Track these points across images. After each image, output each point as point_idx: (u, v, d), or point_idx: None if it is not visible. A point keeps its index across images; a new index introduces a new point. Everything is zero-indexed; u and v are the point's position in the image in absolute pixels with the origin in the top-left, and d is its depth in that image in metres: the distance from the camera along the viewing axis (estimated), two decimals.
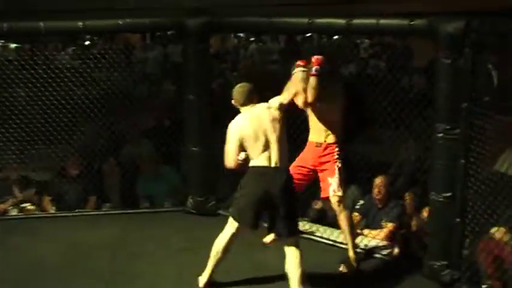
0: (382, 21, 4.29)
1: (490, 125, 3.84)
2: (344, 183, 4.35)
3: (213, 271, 3.99)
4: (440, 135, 4.01)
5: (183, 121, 5.32)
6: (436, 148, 4.07)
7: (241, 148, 3.80)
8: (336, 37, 6.24)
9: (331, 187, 4.30)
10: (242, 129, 3.80)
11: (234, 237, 3.89)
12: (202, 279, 4.01)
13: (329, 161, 4.32)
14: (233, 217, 3.88)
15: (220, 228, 4.00)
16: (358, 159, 5.21)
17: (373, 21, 4.33)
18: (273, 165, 3.77)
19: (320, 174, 4.38)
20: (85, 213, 5.61)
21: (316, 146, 4.36)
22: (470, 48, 3.78)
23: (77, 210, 5.64)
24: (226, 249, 3.92)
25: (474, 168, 3.94)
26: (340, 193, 4.31)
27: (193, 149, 5.24)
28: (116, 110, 5.74)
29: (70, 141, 5.74)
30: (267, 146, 3.78)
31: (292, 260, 3.80)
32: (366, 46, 9.99)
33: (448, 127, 3.97)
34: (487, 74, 3.86)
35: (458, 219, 4.03)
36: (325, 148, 4.33)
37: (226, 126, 3.95)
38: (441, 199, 4.08)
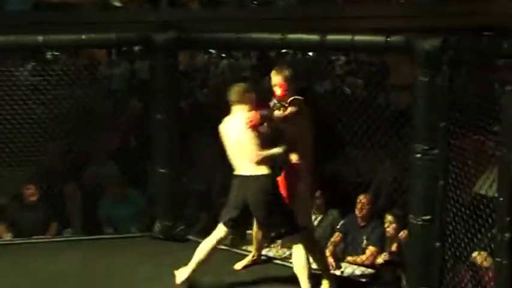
0: (358, 37, 4.32)
1: (469, 145, 3.87)
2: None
3: (193, 271, 4.12)
4: (418, 155, 4.01)
5: (149, 141, 5.27)
6: (414, 169, 4.08)
7: None
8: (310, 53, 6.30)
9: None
10: (225, 135, 4.12)
11: (219, 240, 4.15)
12: (181, 275, 4.12)
13: (293, 183, 4.20)
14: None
15: (190, 254, 3.97)
16: (335, 180, 5.24)
17: (348, 37, 4.35)
18: (248, 173, 4.00)
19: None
20: (44, 240, 5.50)
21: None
22: (448, 66, 3.82)
23: (34, 237, 5.53)
24: (211, 251, 4.12)
25: (453, 190, 3.96)
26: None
27: (161, 170, 5.18)
28: (78, 129, 5.66)
29: (28, 163, 5.64)
30: (244, 154, 4.01)
31: (295, 260, 4.04)
32: (342, 63, 10.10)
33: (426, 147, 3.98)
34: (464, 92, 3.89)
35: (438, 244, 4.03)
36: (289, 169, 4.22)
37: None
38: (420, 222, 4.07)
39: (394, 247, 4.97)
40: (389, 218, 5.08)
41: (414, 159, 4.03)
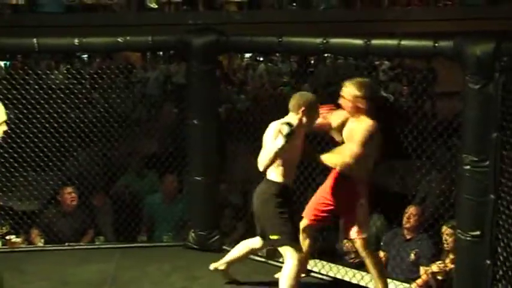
0: (404, 42, 4.29)
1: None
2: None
3: (227, 263, 4.44)
4: (468, 167, 3.95)
5: (185, 148, 5.31)
6: (462, 181, 4.02)
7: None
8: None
9: (354, 228, 4.23)
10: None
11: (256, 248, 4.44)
12: (215, 264, 4.45)
13: (351, 198, 4.23)
14: None
15: None
16: (378, 190, 5.18)
17: (394, 42, 4.32)
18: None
19: (342, 212, 4.36)
20: (76, 247, 5.58)
21: (340, 179, 4.28)
22: (501, 73, 3.76)
23: (67, 244, 5.61)
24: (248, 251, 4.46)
25: (505, 205, 3.89)
26: (364, 235, 4.24)
27: (197, 178, 5.21)
28: (113, 135, 5.73)
29: (62, 168, 5.73)
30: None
31: (284, 270, 4.06)
32: (386, 68, 10.01)
33: (475, 159, 3.92)
34: None
35: (488, 261, 3.96)
36: (348, 182, 4.23)
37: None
38: (469, 238, 4.01)
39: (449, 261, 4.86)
40: (447, 231, 4.94)
41: (463, 170, 3.97)
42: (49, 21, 10.89)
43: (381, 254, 5.16)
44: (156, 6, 13.27)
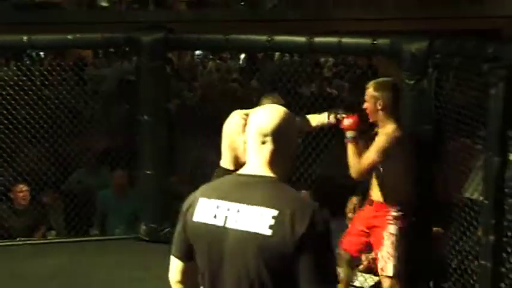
0: (345, 39, 4.35)
1: (453, 149, 3.91)
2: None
3: None
4: None
5: (137, 143, 5.26)
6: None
7: None
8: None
9: (379, 263, 3.74)
10: None
11: None
12: None
13: (379, 227, 3.71)
14: None
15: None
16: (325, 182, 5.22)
17: (335, 39, 4.39)
18: None
19: (372, 241, 3.82)
20: (28, 242, 5.47)
21: (369, 204, 3.84)
22: (434, 69, 3.85)
23: (18, 239, 5.50)
24: None
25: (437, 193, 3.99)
26: (390, 273, 3.66)
27: (147, 172, 5.17)
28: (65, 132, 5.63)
29: (14, 165, 5.60)
30: None
31: None
32: (330, 65, 10.12)
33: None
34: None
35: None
36: (377, 209, 3.74)
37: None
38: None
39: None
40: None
41: None
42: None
43: None
44: (107, 5, 13.09)
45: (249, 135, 2.01)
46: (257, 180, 1.97)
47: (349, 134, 3.60)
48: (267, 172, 1.97)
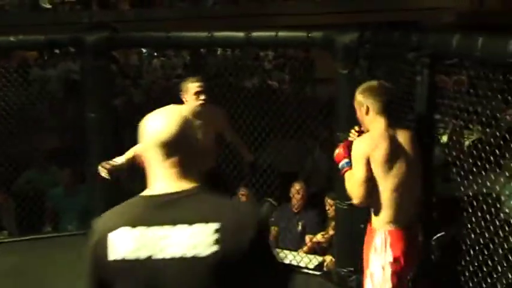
0: (281, 33, 4.38)
1: None
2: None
3: None
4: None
5: (85, 140, 5.17)
6: None
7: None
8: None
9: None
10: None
11: None
12: None
13: (367, 253, 3.16)
14: None
15: None
16: (268, 171, 5.23)
17: (272, 33, 4.41)
18: None
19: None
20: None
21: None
22: (365, 59, 3.93)
23: None
24: None
25: None
26: None
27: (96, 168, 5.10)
28: (11, 133, 5.49)
29: None
30: None
31: None
32: (270, 58, 10.15)
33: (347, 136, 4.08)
34: None
35: (362, 225, 4.13)
36: (370, 228, 3.21)
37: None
38: (345, 206, 4.18)
39: (331, 228, 4.96)
40: (329, 201, 5.00)
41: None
42: None
43: (272, 229, 5.22)
44: (50, 6, 12.76)
45: (147, 149, 1.72)
46: (179, 196, 1.65)
47: (341, 164, 3.12)
48: (184, 185, 1.66)
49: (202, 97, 3.93)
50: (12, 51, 5.72)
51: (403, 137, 3.03)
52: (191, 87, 3.96)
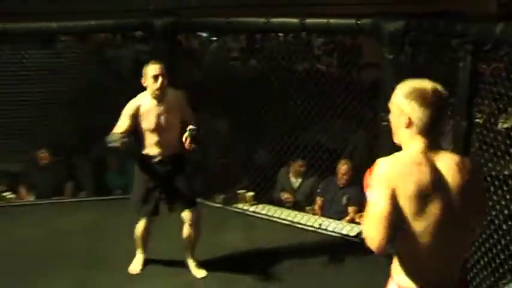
0: (332, 20, 4.34)
1: None
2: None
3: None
4: (385, 123, 4.05)
5: None
6: (381, 135, 4.11)
7: None
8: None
9: None
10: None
11: None
12: None
13: None
14: None
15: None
16: (316, 148, 5.21)
17: (323, 20, 4.37)
18: None
19: None
20: (62, 200, 5.53)
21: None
22: (410, 45, 3.85)
23: (53, 198, 5.55)
24: None
25: None
26: None
27: None
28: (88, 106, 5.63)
29: (39, 133, 5.63)
30: None
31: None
32: (319, 44, 10.00)
33: None
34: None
35: None
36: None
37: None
38: None
39: None
40: None
41: (381, 126, 4.05)
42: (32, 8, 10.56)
43: (318, 199, 5.23)
44: None
45: None
46: None
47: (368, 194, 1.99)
48: None
49: (160, 80, 3.59)
50: (90, 34, 5.84)
51: (453, 166, 1.95)
52: (150, 70, 3.62)
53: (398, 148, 2.02)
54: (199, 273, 3.99)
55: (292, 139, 5.14)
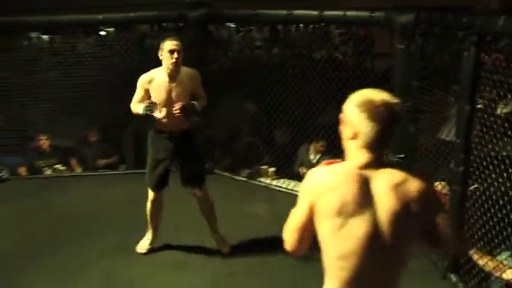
0: (349, 13, 4.36)
1: (434, 100, 3.94)
2: None
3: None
4: None
5: None
6: None
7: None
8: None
9: None
10: None
11: None
12: None
13: None
14: None
15: (215, 183, 4.07)
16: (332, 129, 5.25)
17: (341, 13, 4.39)
18: None
19: None
20: (105, 172, 5.67)
21: None
22: (420, 36, 3.86)
23: (99, 171, 5.70)
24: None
25: (422, 135, 4.05)
26: None
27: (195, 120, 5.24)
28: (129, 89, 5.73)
29: (90, 114, 5.76)
30: None
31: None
32: (336, 35, 9.96)
33: (401, 101, 4.05)
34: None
35: None
36: None
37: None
38: (396, 159, 4.20)
39: None
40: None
41: None
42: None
43: None
44: None
45: None
46: None
47: None
48: None
49: (175, 55, 3.39)
50: (131, 25, 5.92)
51: (392, 187, 1.64)
52: (166, 45, 3.41)
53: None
54: (224, 247, 3.84)
55: (310, 120, 5.19)
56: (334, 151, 5.31)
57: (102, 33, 6.40)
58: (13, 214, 4.60)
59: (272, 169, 5.37)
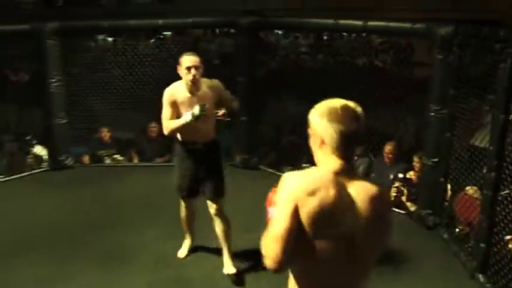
0: (391, 24, 4.33)
1: (469, 108, 3.88)
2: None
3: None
4: (432, 113, 4.05)
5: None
6: (428, 124, 4.11)
7: None
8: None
9: None
10: None
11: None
12: None
13: None
14: None
15: (260, 180, 4.08)
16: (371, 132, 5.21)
17: (383, 23, 4.37)
18: None
19: None
20: (159, 164, 5.80)
21: None
22: (457, 47, 3.80)
23: (153, 162, 5.84)
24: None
25: (456, 141, 3.99)
26: None
27: (242, 118, 5.32)
28: None
29: (149, 110, 5.89)
30: None
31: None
32: (377, 44, 9.85)
33: (438, 108, 4.01)
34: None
35: (442, 179, 4.10)
36: None
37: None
38: (430, 163, 4.15)
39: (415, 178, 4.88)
40: (415, 158, 4.87)
41: (429, 116, 4.07)
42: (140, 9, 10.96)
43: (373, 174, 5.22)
44: None
45: None
46: None
47: (270, 212, 1.67)
48: None
49: (193, 72, 3.15)
50: (187, 29, 6.06)
51: (365, 196, 1.59)
52: (184, 61, 3.19)
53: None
54: (230, 269, 3.51)
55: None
56: (369, 152, 5.30)
57: (160, 36, 6.56)
58: (75, 198, 4.78)
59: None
